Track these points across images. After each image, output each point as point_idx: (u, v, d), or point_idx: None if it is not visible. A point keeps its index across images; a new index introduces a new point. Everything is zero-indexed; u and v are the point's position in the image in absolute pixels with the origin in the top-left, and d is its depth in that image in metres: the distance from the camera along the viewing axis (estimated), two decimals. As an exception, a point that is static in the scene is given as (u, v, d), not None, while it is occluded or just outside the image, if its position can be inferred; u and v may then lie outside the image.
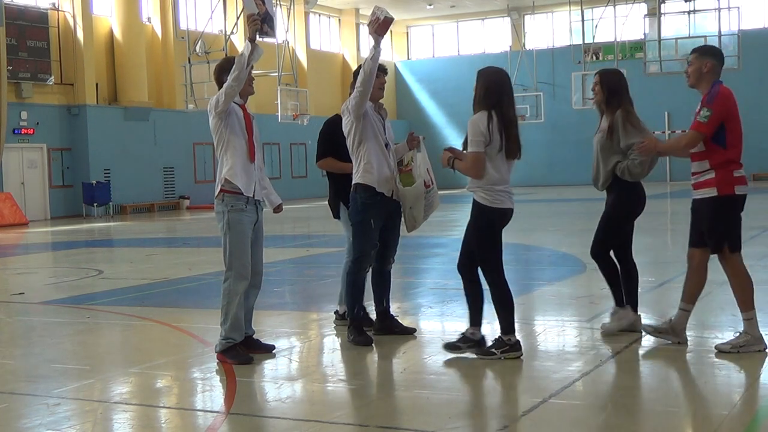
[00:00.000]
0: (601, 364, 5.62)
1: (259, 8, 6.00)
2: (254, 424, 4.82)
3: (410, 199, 6.40)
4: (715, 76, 5.90)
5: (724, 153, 5.82)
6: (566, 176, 38.84)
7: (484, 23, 42.25)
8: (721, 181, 5.81)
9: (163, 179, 30.47)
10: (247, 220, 6.07)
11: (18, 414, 5.04)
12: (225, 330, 6.01)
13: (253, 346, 6.26)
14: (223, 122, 6.05)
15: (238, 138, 6.07)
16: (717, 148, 5.81)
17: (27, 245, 18.98)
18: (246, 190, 6.04)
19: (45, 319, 8.41)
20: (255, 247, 6.19)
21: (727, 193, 5.84)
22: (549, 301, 8.39)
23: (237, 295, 6.01)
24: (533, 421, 4.55)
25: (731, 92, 5.91)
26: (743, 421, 4.40)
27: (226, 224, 6.03)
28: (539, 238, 15.14)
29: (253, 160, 6.11)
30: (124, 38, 29.19)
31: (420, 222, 6.51)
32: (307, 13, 37.59)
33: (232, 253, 6.03)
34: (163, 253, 15.19)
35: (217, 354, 6.06)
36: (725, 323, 6.93)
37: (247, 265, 6.07)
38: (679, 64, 26.74)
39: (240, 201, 6.04)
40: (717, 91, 5.80)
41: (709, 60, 5.89)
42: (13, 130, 25.85)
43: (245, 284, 6.07)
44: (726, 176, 5.82)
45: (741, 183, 5.93)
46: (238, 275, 6.03)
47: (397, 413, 4.91)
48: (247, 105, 6.34)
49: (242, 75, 5.88)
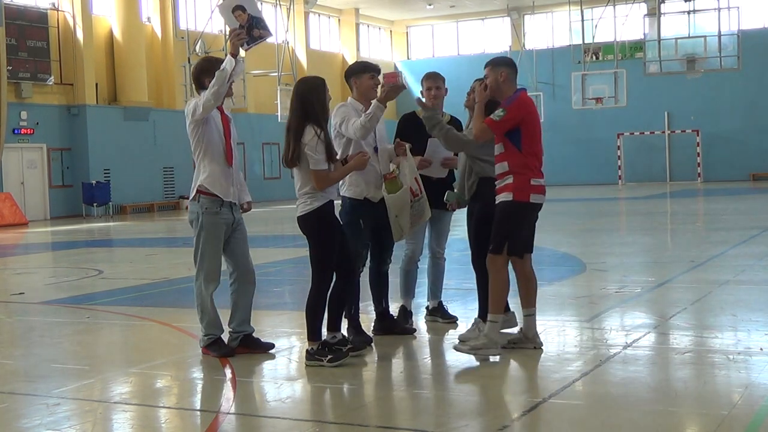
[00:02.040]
0: (600, 364, 5.62)
1: (239, 20, 5.94)
2: (254, 424, 4.82)
3: (396, 206, 6.26)
4: (513, 84, 6.02)
5: (521, 156, 5.89)
6: (566, 176, 38.79)
7: (483, 23, 42.24)
8: (518, 187, 5.87)
9: (162, 179, 30.46)
10: (222, 222, 6.14)
11: (18, 414, 5.04)
12: (204, 327, 6.22)
13: (253, 345, 6.28)
14: (201, 129, 6.08)
15: (216, 144, 6.11)
16: (514, 151, 5.89)
17: (27, 245, 18.98)
18: (225, 196, 6.13)
19: (45, 319, 8.41)
20: (241, 246, 6.27)
21: (522, 200, 5.89)
22: (549, 301, 8.38)
23: (208, 296, 6.17)
24: (533, 421, 4.55)
25: (532, 101, 6.10)
26: (743, 421, 4.40)
27: (200, 226, 6.12)
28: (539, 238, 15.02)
29: (231, 164, 6.17)
30: (123, 38, 29.19)
31: (407, 231, 6.40)
32: (307, 13, 37.59)
33: (203, 255, 6.16)
34: (163, 253, 15.18)
35: (202, 349, 6.26)
36: (725, 323, 6.93)
37: (216, 269, 6.19)
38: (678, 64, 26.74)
39: (215, 204, 6.11)
40: (516, 96, 5.93)
41: (504, 69, 6.00)
42: (13, 130, 25.85)
43: (215, 285, 6.21)
44: (523, 183, 5.88)
45: (537, 192, 5.97)
46: (207, 277, 6.17)
47: (397, 413, 4.91)
48: (247, 105, 6.37)
49: (222, 90, 5.88)
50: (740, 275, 9.34)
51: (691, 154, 37.28)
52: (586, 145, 39.01)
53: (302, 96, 5.85)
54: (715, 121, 36.87)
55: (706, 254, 11.32)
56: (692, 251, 11.88)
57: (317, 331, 5.89)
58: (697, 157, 37.01)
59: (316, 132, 5.75)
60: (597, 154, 38.80)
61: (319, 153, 5.75)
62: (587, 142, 39.00)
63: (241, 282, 6.25)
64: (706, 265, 10.29)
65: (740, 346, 6.05)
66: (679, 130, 37.71)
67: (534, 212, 6.06)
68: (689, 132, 37.32)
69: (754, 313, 7.20)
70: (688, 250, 12.27)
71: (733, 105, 36.72)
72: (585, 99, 30.31)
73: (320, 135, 5.76)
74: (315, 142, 5.74)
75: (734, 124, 36.65)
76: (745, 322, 6.83)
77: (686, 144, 37.49)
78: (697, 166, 36.95)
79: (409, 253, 6.89)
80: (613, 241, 14.23)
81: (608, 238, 14.70)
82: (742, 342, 6.20)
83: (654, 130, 38.06)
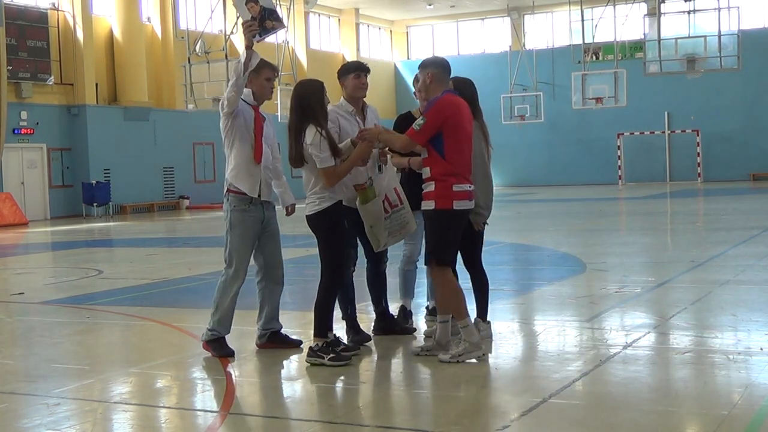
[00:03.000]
0: (600, 364, 5.62)
1: (252, 11, 5.94)
2: (254, 424, 4.82)
3: (369, 217, 6.15)
4: (440, 85, 5.84)
5: (444, 164, 5.69)
6: (566, 176, 38.83)
7: (483, 23, 42.23)
8: (439, 194, 5.69)
9: (162, 179, 30.47)
10: (251, 220, 6.16)
11: (18, 414, 5.04)
12: (213, 322, 6.18)
13: (281, 341, 6.37)
14: (231, 123, 6.12)
15: (244, 139, 6.13)
16: (437, 158, 5.70)
17: (27, 245, 18.98)
18: (250, 192, 6.13)
19: (45, 319, 8.41)
20: (269, 245, 6.30)
21: (444, 207, 5.69)
22: (549, 301, 8.39)
23: (230, 293, 6.16)
24: (533, 421, 4.55)
25: (456, 102, 5.78)
26: (743, 421, 4.40)
27: (229, 222, 6.18)
28: (539, 238, 15.14)
29: (259, 162, 6.15)
30: (123, 38, 29.19)
31: (384, 242, 6.23)
32: (307, 13, 37.59)
33: (232, 251, 6.19)
34: (163, 253, 15.18)
35: (203, 343, 6.24)
36: (725, 323, 6.93)
37: (243, 266, 6.20)
38: (678, 64, 26.71)
39: (243, 201, 6.15)
40: (436, 100, 5.74)
41: (431, 70, 5.87)
42: (13, 130, 25.85)
43: (240, 284, 6.21)
44: (444, 190, 5.68)
45: (461, 198, 5.72)
46: (235, 274, 6.17)
47: (397, 413, 4.91)
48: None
49: (240, 81, 5.92)
50: (740, 275, 9.34)
51: (691, 154, 37.27)
52: (586, 145, 39.02)
53: (301, 98, 5.91)
54: (715, 121, 36.86)
55: (706, 254, 11.32)
56: (692, 251, 11.88)
57: (323, 329, 5.89)
58: (697, 157, 37.00)
59: (318, 130, 5.80)
60: (597, 154, 38.80)
61: (323, 151, 5.79)
62: (587, 142, 39.00)
63: (268, 279, 6.32)
64: (706, 265, 10.29)
65: (740, 346, 6.05)
66: (679, 130, 37.70)
67: (460, 219, 5.81)
68: (689, 132, 37.32)
69: (754, 313, 7.20)
70: (688, 250, 12.27)
71: (733, 105, 36.71)
72: (585, 99, 30.29)
73: (322, 133, 5.80)
74: (318, 139, 5.79)
75: (734, 124, 36.65)
76: (745, 322, 6.83)
77: (686, 144, 37.48)
78: (697, 166, 36.94)
79: (407, 254, 6.90)
80: (613, 241, 14.23)
81: (608, 238, 14.70)
82: (742, 342, 6.19)
83: (654, 130, 38.05)
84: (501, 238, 14.39)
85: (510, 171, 40.14)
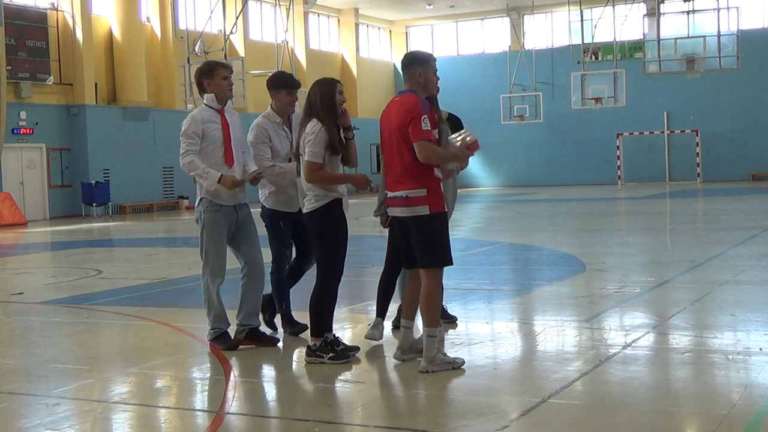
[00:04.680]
0: (600, 364, 5.62)
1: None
2: (254, 424, 4.82)
3: None
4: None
5: (427, 167, 5.62)
6: (566, 176, 38.84)
7: (483, 23, 42.23)
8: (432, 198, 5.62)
9: (162, 179, 30.46)
10: (224, 219, 6.32)
11: (18, 414, 5.04)
12: (211, 321, 6.40)
13: (259, 339, 6.42)
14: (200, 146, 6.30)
15: (214, 150, 6.28)
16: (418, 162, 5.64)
17: (26, 245, 18.98)
18: (227, 202, 6.30)
19: (44, 319, 8.41)
20: (246, 241, 6.41)
21: (438, 210, 5.64)
22: (548, 301, 8.39)
23: (214, 290, 6.34)
24: (533, 421, 4.55)
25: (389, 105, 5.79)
26: (743, 421, 4.40)
27: (202, 223, 6.33)
28: (539, 238, 15.13)
29: (231, 165, 6.30)
30: (123, 38, 29.19)
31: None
32: (307, 13, 37.57)
33: (207, 251, 6.37)
34: (163, 253, 15.18)
35: (209, 342, 6.40)
36: (724, 323, 6.93)
37: (220, 264, 6.35)
38: (678, 64, 26.73)
39: (215, 203, 6.30)
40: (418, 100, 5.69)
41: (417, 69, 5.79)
42: (12, 130, 25.84)
43: (220, 281, 6.37)
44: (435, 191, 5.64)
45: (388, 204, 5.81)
46: (213, 272, 6.35)
47: (397, 413, 4.92)
48: (246, 105, 6.43)
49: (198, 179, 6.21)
50: (740, 275, 9.34)
51: (690, 155, 37.29)
52: (586, 145, 39.02)
53: (311, 97, 6.00)
54: (714, 121, 36.88)
55: (705, 254, 11.32)
56: (692, 251, 11.89)
57: (321, 328, 5.90)
58: (696, 157, 37.02)
59: (321, 126, 5.84)
60: (596, 154, 38.81)
61: (317, 146, 5.80)
62: (586, 142, 39.01)
63: (249, 276, 6.41)
64: (706, 265, 10.29)
65: (740, 346, 6.05)
66: (679, 130, 37.71)
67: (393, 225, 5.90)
68: (689, 132, 37.33)
69: (754, 313, 7.20)
70: (688, 250, 12.28)
71: (732, 105, 36.73)
72: (584, 99, 30.31)
73: (323, 129, 5.82)
74: (317, 130, 5.82)
75: (734, 124, 36.66)
76: (745, 322, 6.83)
77: (686, 144, 37.49)
78: (697, 166, 36.96)
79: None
80: (613, 241, 14.23)
81: (608, 238, 14.69)
82: (742, 342, 6.20)
83: (653, 130, 38.06)
84: (500, 238, 14.39)
85: (509, 171, 40.17)
